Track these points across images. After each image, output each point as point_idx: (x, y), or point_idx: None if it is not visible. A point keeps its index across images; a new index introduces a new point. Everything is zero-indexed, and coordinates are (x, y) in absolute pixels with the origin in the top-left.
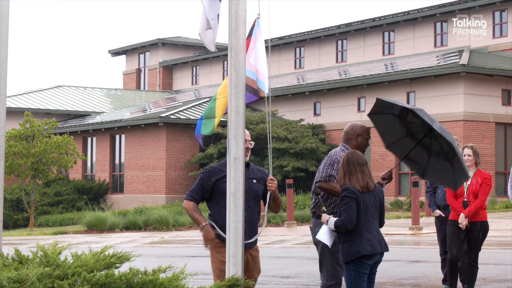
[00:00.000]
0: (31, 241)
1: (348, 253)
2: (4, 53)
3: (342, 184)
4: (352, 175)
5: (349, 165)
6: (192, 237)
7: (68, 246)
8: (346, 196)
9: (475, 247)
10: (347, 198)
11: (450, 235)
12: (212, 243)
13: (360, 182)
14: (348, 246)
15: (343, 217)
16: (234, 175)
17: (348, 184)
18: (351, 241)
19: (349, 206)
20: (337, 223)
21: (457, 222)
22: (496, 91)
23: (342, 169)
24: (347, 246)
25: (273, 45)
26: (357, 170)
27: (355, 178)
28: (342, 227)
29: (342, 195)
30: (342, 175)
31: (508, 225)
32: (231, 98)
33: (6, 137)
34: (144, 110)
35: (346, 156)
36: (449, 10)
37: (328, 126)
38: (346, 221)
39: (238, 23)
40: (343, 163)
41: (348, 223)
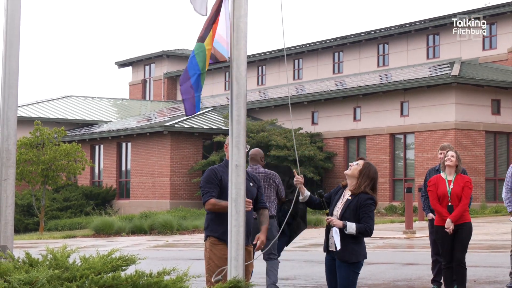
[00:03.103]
0: (41, 245)
1: (360, 255)
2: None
3: (365, 191)
4: (374, 189)
5: (376, 180)
6: (196, 241)
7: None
8: (372, 204)
9: (461, 248)
10: (373, 206)
11: (440, 241)
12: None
13: (377, 197)
14: (359, 248)
15: (369, 223)
16: (235, 181)
17: (371, 193)
18: (361, 244)
19: (372, 215)
20: (362, 228)
21: (443, 227)
22: (486, 101)
23: (370, 179)
24: (358, 247)
25: (273, 57)
26: (377, 182)
27: (376, 189)
28: (366, 233)
29: (370, 202)
30: (369, 182)
31: (498, 229)
32: (233, 108)
33: (17, 145)
34: (149, 119)
35: (376, 170)
36: (440, 24)
37: (325, 135)
38: (371, 229)
39: (239, 35)
40: (375, 177)
41: (372, 231)
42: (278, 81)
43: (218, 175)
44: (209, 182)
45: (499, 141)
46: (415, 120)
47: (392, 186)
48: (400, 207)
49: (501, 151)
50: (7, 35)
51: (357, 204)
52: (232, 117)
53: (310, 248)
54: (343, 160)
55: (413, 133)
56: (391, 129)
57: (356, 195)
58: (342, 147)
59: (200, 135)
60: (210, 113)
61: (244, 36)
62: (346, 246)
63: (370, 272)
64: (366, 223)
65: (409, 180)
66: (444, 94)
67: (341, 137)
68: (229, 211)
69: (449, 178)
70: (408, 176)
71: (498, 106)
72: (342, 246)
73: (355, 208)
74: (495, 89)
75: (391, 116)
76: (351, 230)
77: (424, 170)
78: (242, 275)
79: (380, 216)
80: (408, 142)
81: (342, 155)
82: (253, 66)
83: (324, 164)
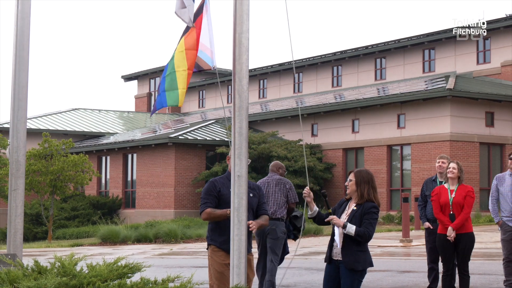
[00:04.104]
0: (49, 253)
1: (366, 262)
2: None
3: (369, 199)
4: (374, 190)
5: (372, 180)
6: (199, 249)
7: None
8: (376, 212)
9: (464, 257)
10: (376, 214)
11: (441, 249)
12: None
13: (378, 197)
14: (367, 256)
15: (369, 229)
16: (237, 192)
17: (374, 200)
18: (366, 252)
19: (375, 221)
20: (361, 232)
21: (445, 235)
22: (480, 114)
23: (366, 183)
24: (367, 255)
25: (274, 71)
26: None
27: (376, 188)
28: (364, 236)
29: (373, 210)
30: (368, 187)
31: (492, 237)
32: (235, 120)
33: (27, 156)
34: (154, 131)
35: (367, 171)
36: (436, 39)
37: (324, 146)
38: (371, 234)
39: (241, 50)
40: (370, 178)
41: (371, 237)
42: (279, 94)
43: (217, 187)
44: (208, 194)
45: (493, 152)
46: (411, 132)
47: (389, 196)
48: (397, 216)
49: (495, 162)
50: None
51: (362, 212)
52: (234, 129)
53: (310, 256)
54: (342, 170)
55: (410, 144)
56: (388, 141)
57: (361, 204)
58: (341, 158)
59: (203, 146)
60: (213, 125)
61: (246, 51)
62: (352, 255)
63: (368, 279)
64: (366, 228)
65: (405, 190)
66: (440, 106)
67: (340, 148)
68: (231, 220)
69: (452, 188)
70: (404, 186)
71: (492, 118)
72: (348, 255)
73: (360, 216)
74: (489, 102)
75: (388, 128)
76: (350, 230)
77: (421, 180)
78: (244, 282)
79: (377, 225)
80: (405, 153)
81: (341, 166)
82: (255, 80)
83: (324, 175)
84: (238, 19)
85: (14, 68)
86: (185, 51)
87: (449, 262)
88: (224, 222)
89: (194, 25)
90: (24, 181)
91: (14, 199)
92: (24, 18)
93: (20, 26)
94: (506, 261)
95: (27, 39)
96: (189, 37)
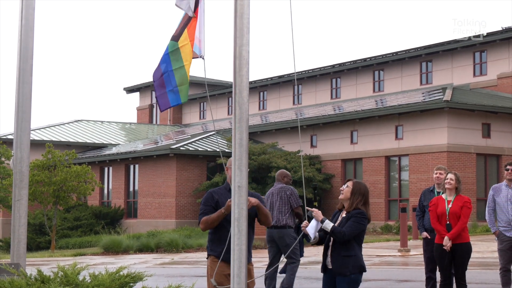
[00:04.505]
0: (53, 262)
1: (355, 267)
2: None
3: (357, 207)
4: (367, 204)
5: (367, 195)
6: (200, 259)
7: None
8: (361, 217)
9: (461, 267)
10: (361, 219)
11: (438, 259)
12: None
13: (369, 211)
14: (355, 261)
15: (347, 230)
16: (238, 202)
17: (362, 208)
18: (357, 256)
19: (357, 226)
20: (337, 229)
21: (442, 245)
22: (477, 125)
23: (361, 195)
24: (354, 260)
25: (273, 83)
26: (368, 197)
27: (368, 203)
28: (338, 235)
29: (359, 216)
30: (361, 199)
31: (488, 247)
32: (235, 131)
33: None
34: (156, 142)
35: (365, 185)
36: (433, 51)
37: (323, 157)
38: (347, 234)
39: (242, 63)
40: (366, 192)
41: (346, 236)
42: (279, 106)
43: (215, 198)
44: (205, 204)
45: (490, 163)
46: (409, 143)
47: (388, 206)
48: (395, 226)
49: (492, 172)
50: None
51: (348, 218)
52: (234, 140)
53: (309, 266)
54: (340, 181)
55: (407, 155)
56: (387, 152)
57: (349, 212)
58: (339, 169)
59: (204, 157)
60: (214, 137)
61: (246, 64)
62: (338, 260)
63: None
64: (346, 228)
65: (403, 201)
66: (437, 118)
67: (338, 159)
68: (231, 230)
69: (449, 198)
70: (402, 196)
71: (488, 129)
72: (335, 261)
73: (347, 221)
74: (486, 114)
75: (386, 139)
76: (327, 226)
77: (418, 190)
78: None
79: (376, 235)
80: (403, 164)
81: (340, 176)
82: (255, 92)
83: (323, 185)
84: (238, 32)
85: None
86: (190, 43)
87: (447, 272)
88: (224, 232)
89: (195, 14)
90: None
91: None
92: (28, 31)
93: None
94: (502, 270)
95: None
96: (191, 28)
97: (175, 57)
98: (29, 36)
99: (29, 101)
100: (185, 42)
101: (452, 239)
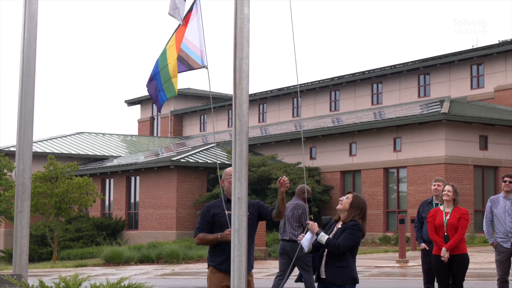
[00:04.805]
0: (54, 273)
1: (347, 278)
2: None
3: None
4: (364, 219)
5: (366, 210)
6: (200, 270)
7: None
8: (357, 229)
9: (458, 278)
10: (356, 231)
11: (436, 270)
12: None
13: (365, 226)
14: (348, 272)
15: (341, 242)
16: (238, 213)
17: (360, 223)
18: (350, 267)
19: (352, 238)
20: (332, 242)
21: (440, 256)
22: (474, 137)
23: (360, 209)
24: (347, 271)
25: (273, 95)
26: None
27: (365, 218)
28: (333, 247)
29: (355, 228)
30: (359, 212)
31: (486, 258)
32: (235, 144)
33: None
34: (157, 154)
35: (364, 201)
36: (431, 64)
37: (323, 169)
38: (341, 246)
39: (242, 76)
40: (364, 207)
41: (341, 248)
42: (278, 118)
43: (211, 212)
44: (202, 219)
45: (487, 175)
46: (407, 155)
47: (386, 218)
48: (393, 237)
49: (489, 184)
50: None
51: (343, 229)
52: (235, 153)
53: None
54: (339, 193)
55: (406, 167)
56: (385, 164)
57: (345, 223)
58: (338, 180)
59: (204, 169)
60: (214, 149)
61: (246, 77)
62: (332, 270)
63: None
64: (340, 240)
65: (402, 212)
66: (435, 130)
67: (337, 171)
68: (231, 242)
69: (447, 210)
70: (401, 208)
71: (485, 142)
72: (329, 271)
73: (342, 232)
74: (483, 126)
75: (384, 151)
76: (321, 238)
77: (416, 202)
78: None
79: (374, 246)
80: (401, 176)
81: (339, 188)
82: (255, 104)
83: (322, 197)
84: (238, 45)
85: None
86: (175, 45)
87: (444, 282)
88: (224, 244)
89: (184, 22)
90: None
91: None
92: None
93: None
94: (500, 281)
95: (33, 65)
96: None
97: (162, 58)
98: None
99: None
100: (171, 44)
101: (450, 250)
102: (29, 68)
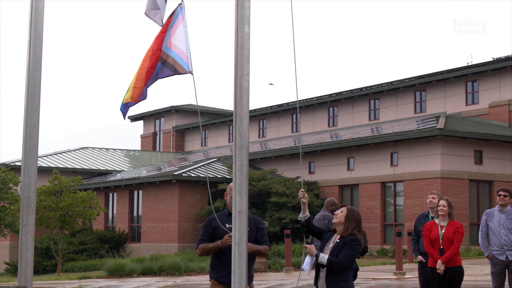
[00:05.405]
0: (59, 285)
1: None
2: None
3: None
4: (360, 231)
5: (361, 222)
6: (201, 282)
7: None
8: (356, 244)
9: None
10: (356, 246)
11: (431, 282)
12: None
13: (362, 237)
14: (348, 285)
15: (344, 259)
16: (238, 227)
17: (357, 235)
18: (350, 281)
19: (353, 253)
20: (333, 260)
21: (435, 268)
22: (469, 152)
23: (356, 221)
24: (349, 284)
25: (273, 111)
26: (362, 223)
27: (361, 230)
28: (336, 266)
29: (354, 243)
30: (355, 225)
31: (481, 270)
32: (236, 158)
33: (37, 193)
34: (159, 169)
35: (359, 213)
36: (427, 81)
37: (321, 183)
38: (344, 263)
39: (242, 92)
40: (360, 219)
41: (344, 265)
42: (278, 134)
43: (212, 224)
44: (204, 231)
45: (482, 189)
46: (404, 169)
47: (383, 231)
48: (391, 250)
49: (484, 198)
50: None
51: (343, 244)
52: (235, 167)
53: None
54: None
55: (402, 181)
56: (382, 178)
57: (344, 237)
58: (337, 194)
59: (206, 183)
60: (215, 163)
61: (246, 93)
62: (334, 284)
63: None
64: (341, 257)
65: (399, 225)
66: (431, 145)
67: (336, 185)
68: (232, 255)
69: (442, 223)
70: (398, 221)
71: (480, 156)
72: (331, 285)
73: (341, 247)
74: (478, 141)
75: (382, 166)
76: (322, 260)
77: (413, 215)
78: None
79: (372, 259)
80: (398, 190)
81: (337, 202)
82: (255, 120)
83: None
84: (239, 63)
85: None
86: (151, 52)
87: None
88: (224, 256)
89: (164, 25)
90: (34, 216)
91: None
92: (36, 62)
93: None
94: None
95: (39, 82)
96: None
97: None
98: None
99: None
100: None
101: (445, 263)
102: (34, 85)
